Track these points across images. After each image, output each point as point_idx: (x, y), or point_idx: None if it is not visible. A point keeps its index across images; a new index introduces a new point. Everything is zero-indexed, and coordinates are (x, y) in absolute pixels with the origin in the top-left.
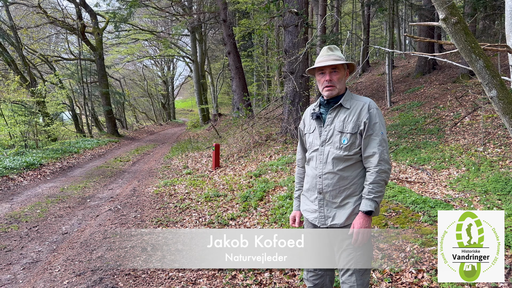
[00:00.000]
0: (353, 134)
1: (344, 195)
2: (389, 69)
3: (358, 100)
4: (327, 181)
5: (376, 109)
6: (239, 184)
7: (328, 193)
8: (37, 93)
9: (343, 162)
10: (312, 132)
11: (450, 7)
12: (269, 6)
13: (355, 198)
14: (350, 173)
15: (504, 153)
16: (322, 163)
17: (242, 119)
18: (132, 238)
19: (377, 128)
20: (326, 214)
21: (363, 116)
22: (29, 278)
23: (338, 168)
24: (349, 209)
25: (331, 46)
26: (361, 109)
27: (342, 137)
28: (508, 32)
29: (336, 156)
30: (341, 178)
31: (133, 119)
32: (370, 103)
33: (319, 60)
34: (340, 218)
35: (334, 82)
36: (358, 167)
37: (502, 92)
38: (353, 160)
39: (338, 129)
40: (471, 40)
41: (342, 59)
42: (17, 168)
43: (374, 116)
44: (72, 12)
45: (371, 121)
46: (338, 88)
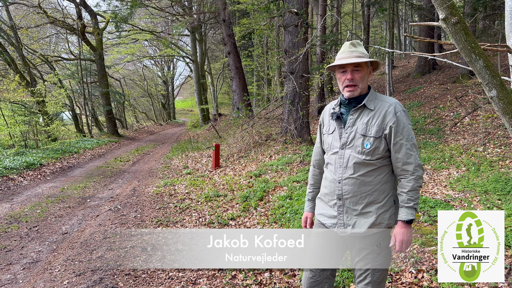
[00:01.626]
0: (377, 138)
1: (365, 202)
2: (389, 69)
3: (383, 100)
4: (347, 187)
5: (404, 111)
6: (239, 184)
7: (348, 200)
8: (37, 93)
9: (365, 167)
10: (332, 133)
11: (450, 7)
12: (269, 6)
13: (377, 206)
14: (372, 178)
15: (504, 153)
16: (342, 168)
17: (242, 119)
18: (132, 238)
19: (406, 132)
20: (345, 222)
21: (389, 120)
22: (29, 278)
23: (360, 173)
24: (371, 217)
25: (353, 41)
26: (386, 111)
27: (365, 140)
28: (508, 32)
29: (358, 161)
30: (362, 184)
31: (133, 119)
32: (396, 104)
33: (341, 57)
34: (362, 227)
35: (357, 81)
36: (380, 173)
37: (502, 92)
38: (376, 165)
39: (360, 132)
40: (471, 40)
41: (366, 56)
42: (17, 168)
43: (401, 120)
44: (72, 12)
45: (399, 125)
46: (360, 88)
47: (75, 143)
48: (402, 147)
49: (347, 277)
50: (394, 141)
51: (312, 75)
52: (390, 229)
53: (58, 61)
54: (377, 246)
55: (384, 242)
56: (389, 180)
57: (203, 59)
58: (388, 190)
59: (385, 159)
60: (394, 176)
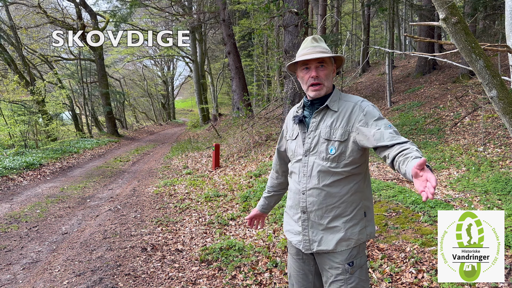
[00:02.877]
0: (342, 142)
1: (331, 215)
2: (389, 69)
3: (347, 100)
4: (311, 198)
5: (372, 105)
6: (239, 184)
7: (313, 213)
8: (36, 92)
9: (330, 176)
10: (295, 139)
11: (450, 7)
12: (269, 6)
13: (345, 219)
14: (339, 189)
15: (504, 153)
16: (306, 177)
17: (242, 119)
18: (132, 238)
19: (381, 122)
20: (311, 238)
21: (355, 119)
22: (29, 278)
23: (325, 183)
24: (339, 233)
25: (315, 36)
26: (351, 112)
27: (329, 145)
28: (508, 32)
29: (322, 169)
30: (328, 195)
31: (133, 119)
32: (363, 102)
33: (303, 53)
34: (328, 244)
35: (322, 79)
36: (348, 182)
37: (502, 92)
38: (343, 174)
39: (324, 136)
40: (471, 40)
41: (329, 52)
42: (17, 168)
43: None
44: (72, 12)
45: (370, 119)
46: (326, 87)
47: (75, 143)
48: (384, 133)
49: None
50: (371, 133)
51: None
52: (362, 244)
53: (58, 61)
54: (348, 264)
55: (357, 259)
56: (358, 190)
57: (203, 59)
58: (358, 201)
59: (354, 168)
60: (365, 185)
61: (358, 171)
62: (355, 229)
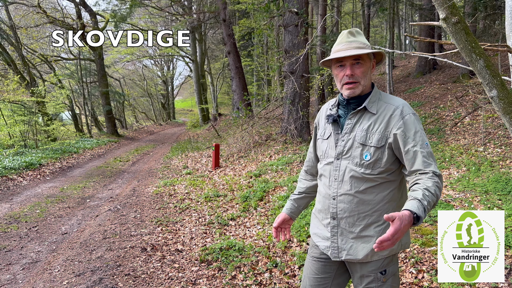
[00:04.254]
0: (378, 148)
1: (364, 223)
2: (389, 69)
3: (388, 102)
4: (342, 205)
5: (414, 114)
6: (239, 184)
7: (343, 220)
8: (36, 93)
9: (364, 182)
10: (327, 138)
11: (450, 6)
12: (269, 6)
13: (379, 229)
14: (373, 196)
15: (504, 153)
16: (338, 182)
17: (242, 119)
18: (132, 238)
19: (419, 138)
20: (340, 245)
21: (393, 125)
22: (28, 278)
23: (358, 189)
24: (367, 243)
25: (352, 30)
26: (391, 116)
27: (364, 151)
28: (509, 32)
29: (355, 175)
30: (360, 202)
31: (132, 119)
32: (405, 106)
33: (337, 49)
34: (358, 253)
35: (358, 77)
36: (383, 189)
37: (502, 92)
38: (377, 181)
39: (359, 141)
40: (471, 40)
41: (368, 47)
42: (16, 168)
43: (410, 123)
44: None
45: (409, 130)
46: (362, 85)
47: (75, 143)
48: (417, 156)
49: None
50: (405, 149)
51: (312, 75)
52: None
53: (57, 61)
54: (381, 273)
55: (389, 267)
56: (393, 199)
57: (203, 59)
58: (393, 210)
59: (389, 174)
60: (401, 193)
61: (393, 178)
62: None
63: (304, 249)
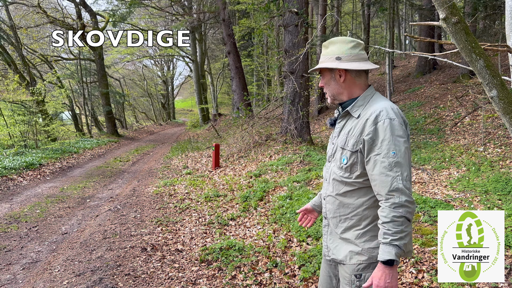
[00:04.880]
0: (353, 153)
1: (345, 226)
2: (389, 69)
3: (371, 106)
4: (328, 205)
5: (389, 120)
6: (239, 184)
7: (330, 220)
8: (36, 93)
9: (343, 186)
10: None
11: (450, 6)
12: (269, 6)
13: (357, 233)
14: (353, 200)
15: (504, 153)
16: (326, 183)
17: (242, 119)
18: (132, 238)
19: (385, 147)
20: (328, 244)
21: (365, 130)
22: (28, 278)
23: (338, 192)
24: (348, 245)
25: (325, 43)
26: (366, 120)
27: (343, 154)
28: (509, 32)
29: (336, 177)
30: (341, 205)
31: (132, 119)
32: (382, 111)
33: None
34: (339, 253)
35: (324, 88)
36: (363, 194)
37: (502, 92)
38: (355, 185)
39: (340, 144)
40: (471, 40)
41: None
42: (16, 168)
43: (380, 131)
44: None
45: (377, 137)
46: (329, 96)
47: (75, 143)
48: (376, 165)
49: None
50: (367, 158)
51: (312, 75)
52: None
53: (57, 61)
54: (355, 276)
55: (366, 273)
56: (374, 205)
57: (203, 59)
58: (374, 216)
59: (367, 180)
60: None
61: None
62: (369, 244)
63: (304, 249)
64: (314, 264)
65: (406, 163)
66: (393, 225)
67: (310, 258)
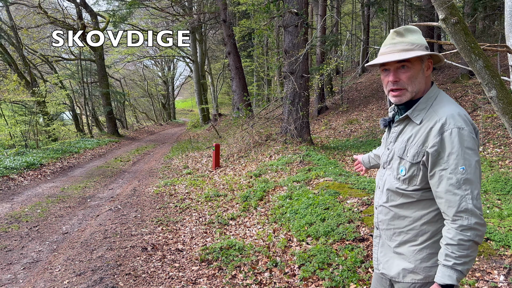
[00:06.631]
0: (413, 164)
1: (399, 240)
2: None
3: (435, 111)
4: (381, 216)
5: (458, 129)
6: (239, 184)
7: (383, 231)
8: (37, 93)
9: (400, 197)
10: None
11: (449, 7)
12: (269, 6)
13: (413, 250)
14: (410, 213)
15: (503, 153)
16: (380, 191)
17: (242, 119)
18: (132, 238)
19: (453, 161)
20: (379, 257)
21: (430, 141)
22: (29, 278)
23: (393, 203)
24: (401, 261)
25: (399, 29)
26: (431, 129)
27: (401, 164)
28: (508, 32)
29: (391, 188)
30: (396, 217)
31: (133, 119)
32: (449, 119)
33: (381, 52)
34: (390, 269)
35: (403, 83)
36: (422, 208)
37: (501, 92)
38: (414, 198)
39: (397, 153)
40: (470, 40)
41: (418, 47)
42: (17, 168)
43: (447, 143)
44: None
45: (443, 150)
46: (410, 92)
47: (76, 143)
48: (442, 181)
49: (347, 277)
50: (431, 172)
51: (312, 75)
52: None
53: (58, 61)
54: None
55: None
56: (436, 220)
57: (203, 59)
58: (434, 233)
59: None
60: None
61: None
62: (426, 263)
63: (304, 248)
64: (314, 263)
65: (477, 180)
66: (458, 248)
67: (310, 257)
